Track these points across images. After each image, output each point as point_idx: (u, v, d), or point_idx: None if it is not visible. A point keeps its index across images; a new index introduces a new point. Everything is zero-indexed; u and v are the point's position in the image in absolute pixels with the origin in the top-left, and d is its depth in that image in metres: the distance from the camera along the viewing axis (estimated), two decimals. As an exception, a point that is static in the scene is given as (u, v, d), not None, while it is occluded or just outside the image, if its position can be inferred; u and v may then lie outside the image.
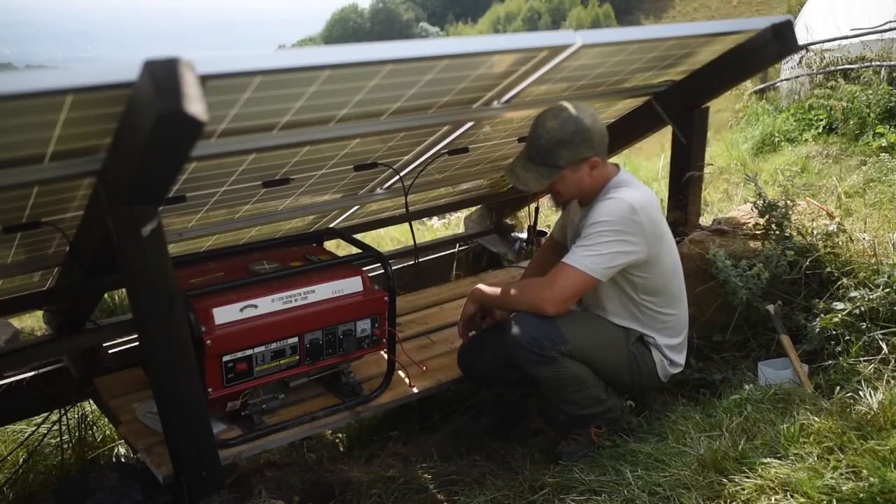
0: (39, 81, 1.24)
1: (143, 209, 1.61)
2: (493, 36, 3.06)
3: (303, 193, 2.68)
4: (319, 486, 2.40)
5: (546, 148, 2.13)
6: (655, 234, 2.17)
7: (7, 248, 2.17)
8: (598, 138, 2.14)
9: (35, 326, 4.15)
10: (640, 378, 2.29)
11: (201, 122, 1.30)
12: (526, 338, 2.10)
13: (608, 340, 2.23)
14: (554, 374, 2.13)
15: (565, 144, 2.11)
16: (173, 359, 1.78)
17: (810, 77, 7.71)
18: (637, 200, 2.12)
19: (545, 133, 2.12)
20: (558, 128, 2.10)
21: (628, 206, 2.10)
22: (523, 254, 3.84)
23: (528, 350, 2.10)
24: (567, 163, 2.13)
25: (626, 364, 2.25)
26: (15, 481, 2.69)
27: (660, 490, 1.83)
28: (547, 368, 2.12)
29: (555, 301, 2.11)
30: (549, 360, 2.10)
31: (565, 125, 2.10)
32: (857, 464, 1.70)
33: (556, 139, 2.11)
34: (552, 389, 2.20)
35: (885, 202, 3.77)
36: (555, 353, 2.09)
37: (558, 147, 2.11)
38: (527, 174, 2.19)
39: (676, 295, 2.31)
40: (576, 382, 2.16)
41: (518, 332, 2.12)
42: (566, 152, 2.12)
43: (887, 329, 2.26)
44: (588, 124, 2.11)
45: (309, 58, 1.57)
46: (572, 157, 2.13)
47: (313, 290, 2.20)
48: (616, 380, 2.27)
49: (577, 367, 2.14)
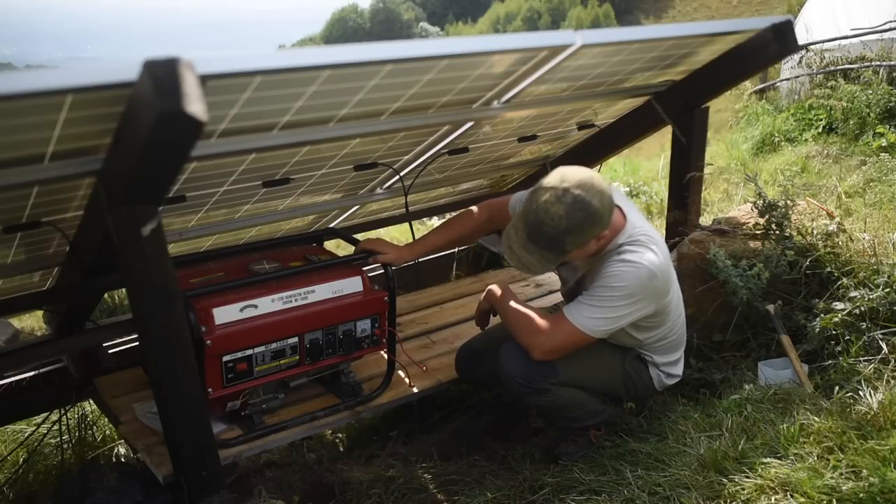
0: (39, 81, 1.24)
1: (143, 209, 1.61)
2: (493, 36, 3.06)
3: (303, 193, 2.68)
4: (319, 486, 2.40)
5: (551, 236, 1.93)
6: (668, 290, 2.11)
7: (7, 248, 2.17)
8: (606, 215, 1.96)
9: (35, 326, 4.15)
10: (636, 391, 2.29)
11: (201, 121, 1.30)
12: (517, 372, 2.11)
13: (602, 361, 2.20)
14: (548, 402, 2.14)
15: (573, 232, 1.92)
16: (173, 359, 1.78)
17: (810, 77, 7.72)
18: (656, 265, 2.00)
19: (550, 221, 1.91)
20: (565, 216, 1.90)
21: (647, 273, 1.99)
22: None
23: (519, 384, 2.12)
24: (574, 247, 1.97)
25: (621, 381, 2.24)
26: (15, 481, 2.69)
27: (660, 490, 1.83)
28: (540, 398, 2.13)
29: (544, 351, 2.06)
30: (541, 392, 2.11)
31: (572, 212, 1.90)
32: (857, 464, 1.70)
33: (564, 228, 1.91)
34: (547, 414, 2.24)
35: (885, 202, 3.77)
36: (546, 385, 2.10)
37: (565, 235, 1.92)
38: (530, 257, 2.00)
39: (675, 319, 2.23)
40: (571, 406, 2.17)
41: (510, 367, 2.12)
42: (574, 238, 1.94)
43: (887, 329, 2.26)
44: (596, 205, 1.91)
45: (309, 58, 1.57)
46: (581, 242, 1.97)
47: (313, 290, 2.20)
48: (612, 394, 2.27)
49: (570, 393, 2.14)
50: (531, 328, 2.10)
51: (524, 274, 3.61)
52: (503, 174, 3.52)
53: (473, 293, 3.41)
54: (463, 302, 3.32)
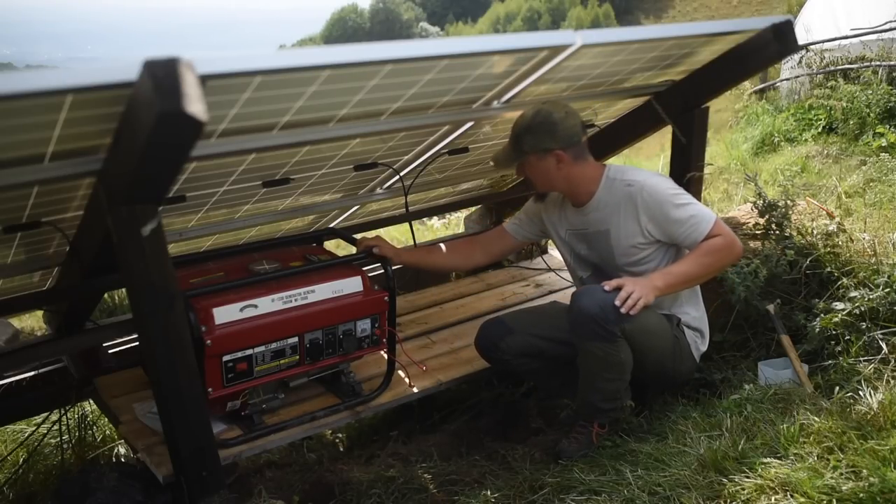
0: (39, 81, 1.24)
1: (143, 209, 1.61)
2: (492, 36, 3.06)
3: (303, 193, 2.68)
4: (319, 486, 2.40)
5: (515, 133, 2.29)
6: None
7: (7, 248, 2.17)
8: (562, 133, 2.24)
9: (35, 326, 4.15)
10: (681, 363, 2.35)
11: (201, 121, 1.30)
12: (595, 310, 2.11)
13: (658, 325, 2.26)
14: (604, 353, 2.14)
15: (530, 131, 2.25)
16: (173, 359, 1.78)
17: (810, 77, 7.72)
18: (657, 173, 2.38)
19: (519, 120, 2.29)
20: (529, 117, 2.26)
21: (661, 175, 2.37)
22: (523, 254, 3.84)
23: (594, 321, 2.11)
24: (531, 148, 2.27)
25: (670, 349, 2.29)
26: (15, 481, 2.69)
27: (660, 490, 1.83)
28: (602, 345, 2.13)
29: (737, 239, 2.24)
30: (608, 337, 2.12)
31: (535, 115, 2.25)
32: (857, 464, 1.70)
33: (524, 126, 2.27)
34: (591, 370, 2.20)
35: (885, 202, 3.77)
36: (617, 331, 2.11)
37: (524, 133, 2.26)
38: (499, 154, 2.39)
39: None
40: (616, 369, 2.18)
41: (588, 304, 2.13)
42: (531, 138, 2.26)
43: (887, 329, 2.26)
44: (556, 118, 2.23)
45: (309, 58, 1.57)
46: (535, 145, 2.26)
47: (313, 290, 2.20)
48: (657, 368, 2.29)
49: (626, 354, 2.17)
50: (720, 243, 2.20)
51: (524, 273, 3.62)
52: (503, 174, 3.52)
53: (473, 293, 3.41)
54: (463, 302, 3.32)
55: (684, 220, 2.22)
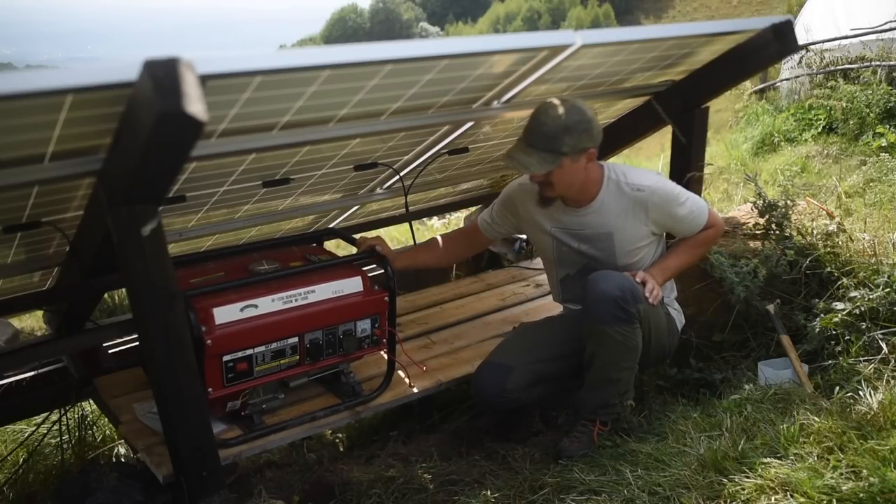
0: (39, 81, 1.24)
1: (143, 209, 1.61)
2: (492, 36, 3.06)
3: (303, 193, 2.68)
4: (319, 486, 2.40)
5: (550, 134, 2.14)
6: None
7: (7, 248, 2.17)
8: (597, 131, 2.21)
9: (35, 326, 4.16)
10: (673, 338, 2.44)
11: (201, 121, 1.30)
12: (616, 291, 2.16)
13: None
14: (623, 337, 2.17)
15: (570, 131, 2.13)
16: (173, 359, 1.78)
17: (810, 77, 7.72)
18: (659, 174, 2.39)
19: (549, 120, 2.14)
20: (564, 115, 2.13)
21: (660, 174, 2.37)
22: (523, 254, 3.84)
23: (615, 303, 2.15)
24: (570, 150, 2.15)
25: (665, 326, 2.38)
26: (15, 481, 2.69)
27: (660, 490, 1.83)
28: (622, 328, 2.16)
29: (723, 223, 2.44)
30: (628, 319, 2.16)
31: (571, 113, 2.14)
32: (857, 464, 1.70)
33: (562, 126, 2.13)
34: (606, 361, 2.22)
35: (885, 202, 3.77)
36: (634, 311, 2.16)
37: (563, 133, 2.13)
38: (529, 159, 2.17)
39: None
40: (632, 355, 2.22)
41: (606, 286, 2.17)
42: (570, 139, 2.14)
43: (887, 329, 2.26)
44: (590, 115, 2.18)
45: (309, 58, 1.57)
46: (575, 145, 2.15)
47: (313, 290, 2.20)
48: (657, 343, 2.34)
49: (639, 339, 2.22)
50: (709, 232, 2.39)
51: (524, 273, 3.62)
52: (503, 174, 3.52)
53: (473, 293, 3.41)
54: (463, 302, 3.32)
55: (685, 216, 2.33)
